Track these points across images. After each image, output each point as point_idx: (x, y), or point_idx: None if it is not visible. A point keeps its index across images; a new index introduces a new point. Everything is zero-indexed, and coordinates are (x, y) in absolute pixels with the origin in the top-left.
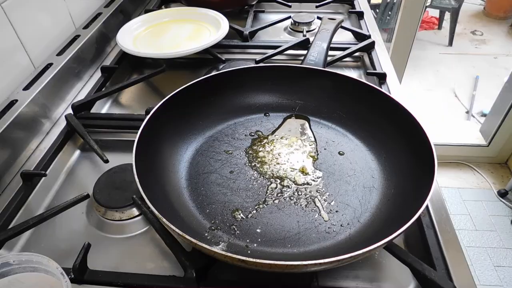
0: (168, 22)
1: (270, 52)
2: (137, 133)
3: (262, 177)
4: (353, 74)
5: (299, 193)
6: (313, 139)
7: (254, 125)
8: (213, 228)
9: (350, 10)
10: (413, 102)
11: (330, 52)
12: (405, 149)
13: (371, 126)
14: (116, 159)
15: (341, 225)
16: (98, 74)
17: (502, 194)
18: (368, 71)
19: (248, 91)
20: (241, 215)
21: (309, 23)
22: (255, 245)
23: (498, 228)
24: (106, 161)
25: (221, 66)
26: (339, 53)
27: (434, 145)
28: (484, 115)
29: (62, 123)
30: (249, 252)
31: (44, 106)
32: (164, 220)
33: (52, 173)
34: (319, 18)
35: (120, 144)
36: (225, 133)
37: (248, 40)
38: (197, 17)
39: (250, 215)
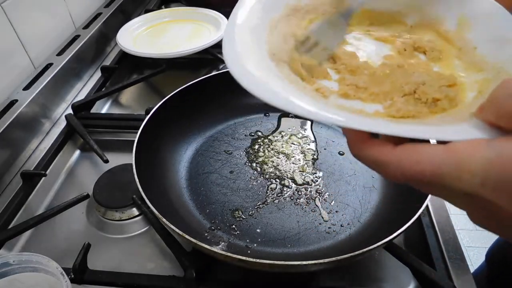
0: (168, 22)
1: None
2: (137, 133)
3: (262, 177)
4: None
5: (299, 193)
6: (313, 139)
7: (254, 125)
8: (213, 228)
9: None
10: None
11: None
12: None
13: None
14: (116, 159)
15: (341, 225)
16: (98, 74)
17: None
18: None
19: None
20: (241, 215)
21: None
22: (255, 245)
23: None
24: (106, 161)
25: (221, 66)
26: None
27: None
28: None
29: (62, 123)
30: (249, 252)
31: (44, 106)
32: (164, 220)
33: (52, 173)
34: None
35: (120, 144)
36: (225, 133)
37: None
38: (197, 17)
39: (250, 215)
